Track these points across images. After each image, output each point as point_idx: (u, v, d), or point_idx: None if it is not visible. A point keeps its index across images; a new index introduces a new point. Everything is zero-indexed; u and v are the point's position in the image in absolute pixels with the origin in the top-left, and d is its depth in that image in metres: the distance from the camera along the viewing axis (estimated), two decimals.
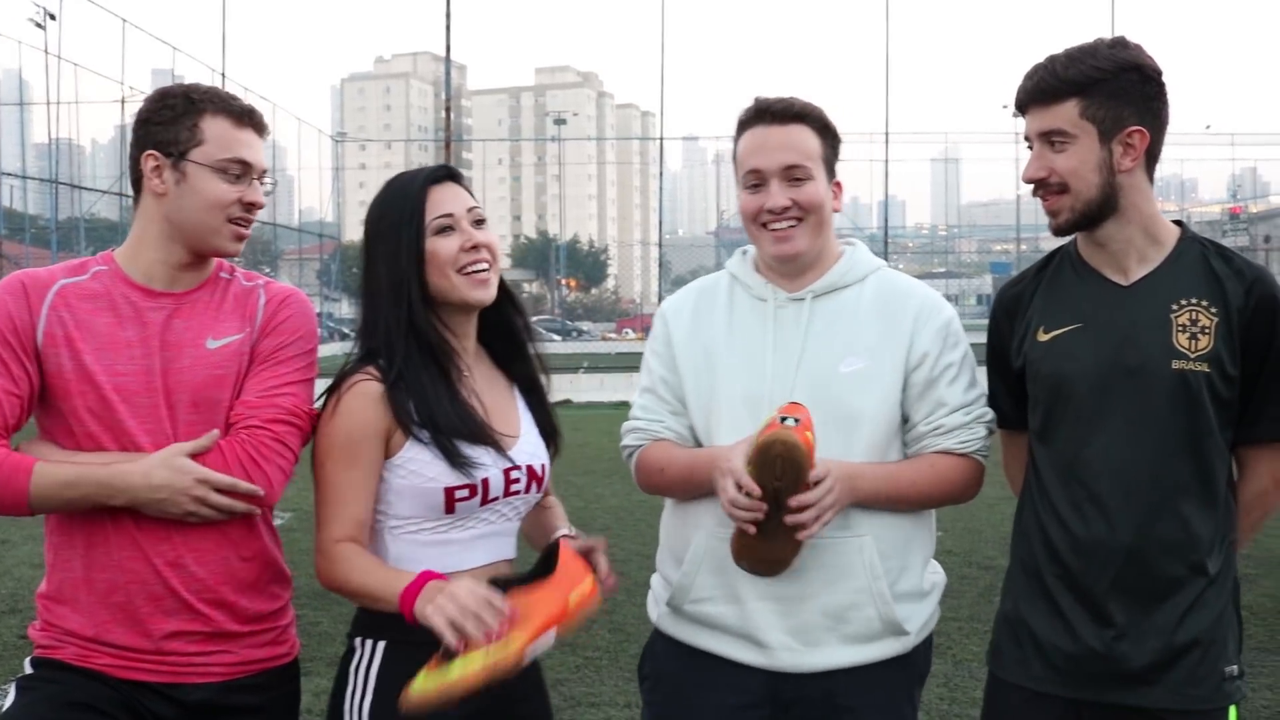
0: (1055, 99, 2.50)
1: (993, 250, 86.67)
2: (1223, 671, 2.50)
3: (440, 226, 2.52)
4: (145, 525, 2.43)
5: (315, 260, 61.89)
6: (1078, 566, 2.51)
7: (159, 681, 2.46)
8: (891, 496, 2.60)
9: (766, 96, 2.70)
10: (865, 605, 2.61)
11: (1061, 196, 2.54)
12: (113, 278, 2.52)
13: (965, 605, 7.21)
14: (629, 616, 6.57)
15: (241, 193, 2.52)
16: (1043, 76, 2.53)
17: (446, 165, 2.65)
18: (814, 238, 2.67)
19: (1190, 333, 2.49)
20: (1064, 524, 2.53)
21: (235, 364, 2.52)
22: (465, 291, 2.52)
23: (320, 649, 6.41)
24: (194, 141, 2.49)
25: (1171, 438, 2.48)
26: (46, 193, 36.57)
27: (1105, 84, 2.48)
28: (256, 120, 2.57)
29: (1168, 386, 2.47)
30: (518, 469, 2.54)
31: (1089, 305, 2.57)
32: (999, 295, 2.77)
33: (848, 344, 2.65)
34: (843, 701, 2.62)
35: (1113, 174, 2.50)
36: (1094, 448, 2.51)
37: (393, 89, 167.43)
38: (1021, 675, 2.58)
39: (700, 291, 2.83)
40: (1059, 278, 2.66)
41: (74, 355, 2.43)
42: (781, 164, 2.63)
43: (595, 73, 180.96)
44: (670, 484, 2.71)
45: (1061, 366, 2.55)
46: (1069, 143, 2.51)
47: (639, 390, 2.82)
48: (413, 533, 2.50)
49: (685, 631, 2.72)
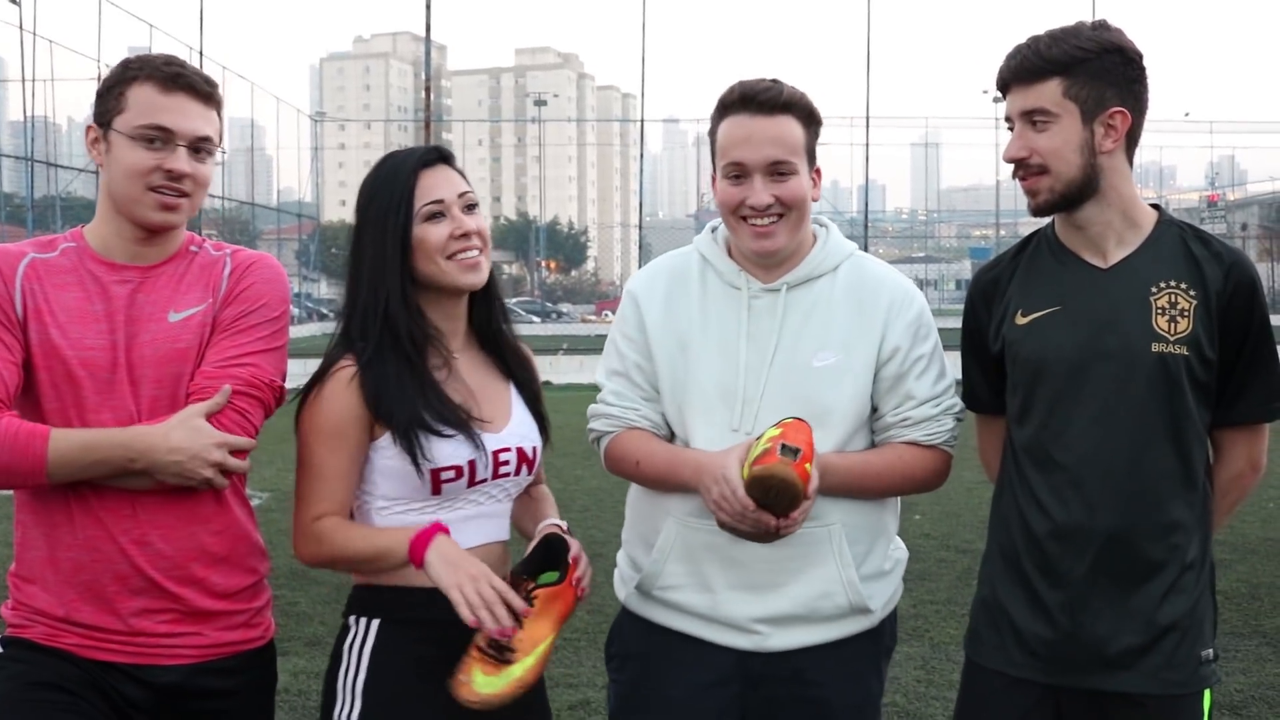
0: (1038, 78, 2.49)
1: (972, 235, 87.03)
2: (1199, 655, 2.50)
3: (430, 213, 2.49)
4: (109, 503, 2.39)
5: (294, 240, 61.66)
6: (1056, 552, 2.51)
7: (127, 662, 2.42)
8: (858, 488, 2.60)
9: (752, 82, 2.61)
10: (836, 593, 2.62)
11: (1041, 177, 2.52)
12: (80, 253, 2.48)
13: (942, 589, 7.24)
14: (607, 598, 6.53)
15: (160, 160, 2.41)
16: (1026, 55, 2.51)
17: (438, 147, 2.60)
18: (794, 232, 2.62)
19: (1169, 315, 2.48)
20: (1043, 509, 2.53)
21: (197, 336, 2.46)
22: (455, 276, 2.50)
23: (298, 629, 6.41)
24: (117, 110, 2.43)
25: (1150, 421, 2.47)
26: (22, 171, 36.32)
27: (1088, 64, 2.47)
28: (191, 84, 2.45)
29: (1147, 370, 2.47)
30: (507, 450, 2.53)
31: (1067, 288, 2.56)
32: (976, 279, 2.75)
33: (821, 338, 2.63)
34: (811, 677, 2.63)
35: (1094, 155, 2.49)
36: (1073, 431, 2.50)
37: (372, 69, 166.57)
38: (1000, 661, 2.58)
39: (671, 274, 2.75)
40: (1037, 261, 2.64)
41: (41, 329, 2.40)
42: (767, 159, 2.55)
43: (576, 54, 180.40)
44: (644, 478, 2.69)
45: (1040, 350, 2.54)
46: (1051, 122, 2.49)
47: (606, 373, 2.76)
48: (400, 513, 2.50)
49: (654, 612, 2.72)
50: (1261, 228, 69.87)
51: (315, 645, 6.12)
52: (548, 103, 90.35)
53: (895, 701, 5.33)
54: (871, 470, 2.62)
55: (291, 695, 5.38)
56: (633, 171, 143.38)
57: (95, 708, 2.40)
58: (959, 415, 2.71)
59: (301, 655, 5.96)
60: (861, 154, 37.67)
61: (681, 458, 2.60)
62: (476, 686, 2.31)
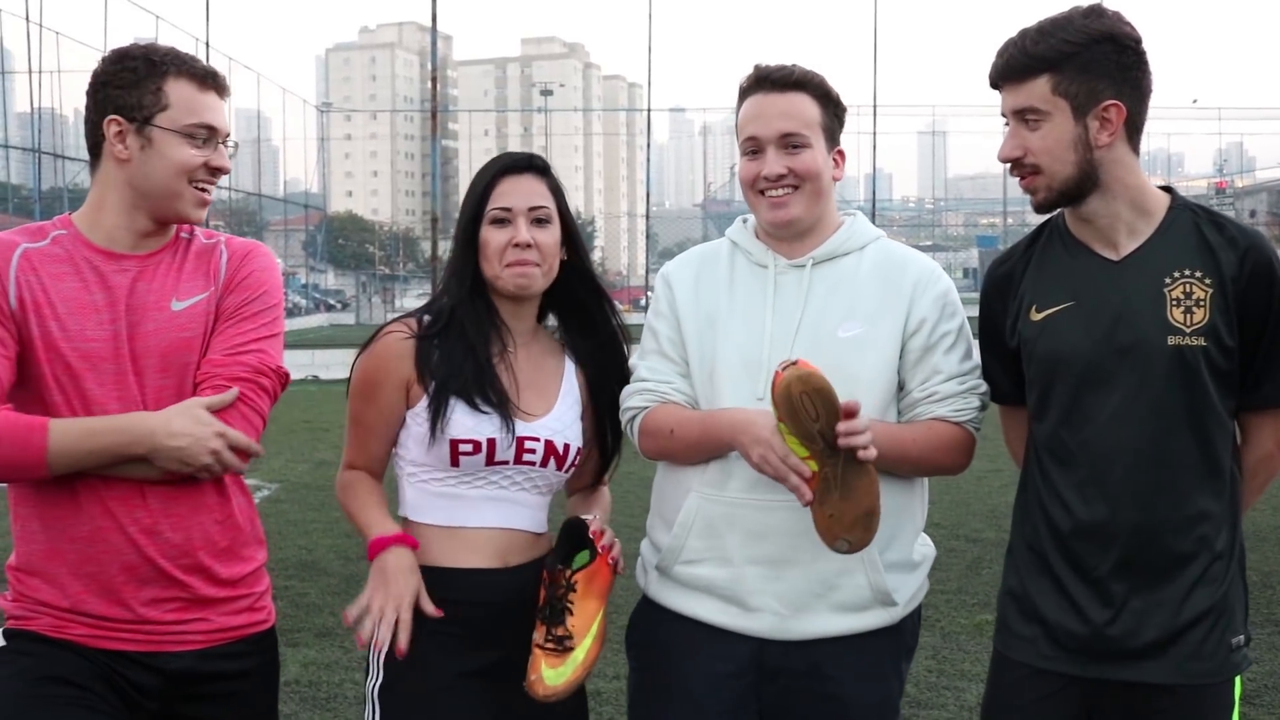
0: (1027, 75, 2.45)
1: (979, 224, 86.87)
2: (1229, 643, 2.48)
3: (494, 218, 2.67)
4: (117, 493, 2.40)
5: (300, 231, 61.67)
6: (1081, 548, 2.49)
7: (138, 650, 2.44)
8: (895, 456, 2.58)
9: (767, 64, 2.70)
10: (855, 572, 2.61)
11: (1037, 176, 2.49)
12: (74, 241, 2.47)
13: (953, 578, 7.24)
14: (619, 589, 6.55)
15: (207, 157, 2.48)
16: (1013, 53, 2.47)
17: (531, 156, 2.79)
18: (810, 205, 2.67)
19: (1185, 306, 2.44)
20: (1066, 506, 2.50)
21: (202, 324, 2.49)
22: (505, 281, 2.68)
23: (308, 619, 6.41)
24: (159, 106, 2.44)
25: (1171, 414, 2.44)
26: (29, 162, 36.33)
27: (1077, 57, 2.41)
28: (219, 83, 2.53)
29: (1164, 363, 2.43)
30: (534, 440, 2.65)
31: (1080, 282, 2.52)
32: (989, 274, 2.73)
33: (846, 310, 2.65)
34: (829, 671, 2.62)
35: (1090, 150, 2.44)
36: (1092, 428, 2.47)
37: (378, 59, 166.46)
38: (1029, 654, 2.56)
39: (702, 258, 2.83)
40: (1049, 253, 2.61)
41: (41, 321, 2.38)
42: (778, 131, 2.63)
43: (582, 44, 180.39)
44: (679, 447, 2.69)
45: (1055, 346, 2.51)
46: (1042, 120, 2.45)
47: (642, 354, 2.81)
48: (424, 481, 2.67)
49: (673, 597, 2.72)
50: (1270, 214, 69.66)
51: (325, 636, 6.12)
52: (554, 92, 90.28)
53: (906, 691, 5.28)
54: (906, 439, 2.61)
55: (302, 686, 5.37)
56: (639, 161, 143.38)
57: (105, 700, 2.40)
58: (984, 398, 2.70)
59: (311, 646, 5.95)
60: (869, 142, 37.57)
61: (716, 418, 2.62)
62: (548, 680, 2.49)
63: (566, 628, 2.56)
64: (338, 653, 5.86)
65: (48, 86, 35.28)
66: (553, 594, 2.58)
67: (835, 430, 2.37)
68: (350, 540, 8.17)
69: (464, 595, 2.60)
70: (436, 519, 2.65)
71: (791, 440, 2.40)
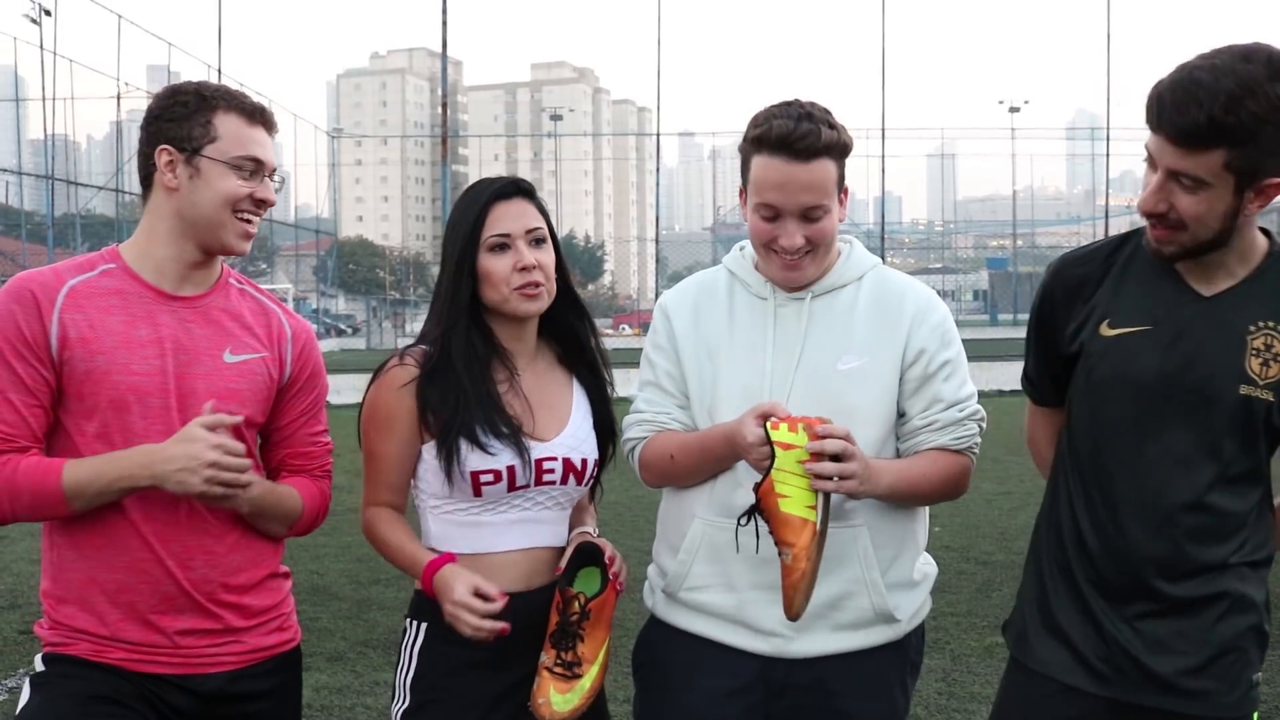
0: (1202, 146, 2.20)
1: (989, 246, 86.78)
2: (1250, 679, 2.46)
3: (493, 244, 2.66)
4: (154, 524, 2.46)
5: (312, 256, 61.88)
6: (1109, 572, 2.44)
7: (174, 674, 2.51)
8: (907, 491, 2.60)
9: (789, 124, 2.54)
10: (859, 595, 2.62)
11: (1177, 232, 2.33)
12: (123, 275, 2.53)
13: (963, 600, 7.22)
14: (626, 612, 6.55)
15: (254, 189, 2.54)
16: (1195, 116, 2.17)
17: (517, 180, 2.77)
18: (822, 261, 2.67)
19: (1264, 358, 2.36)
20: (1098, 528, 2.46)
21: (249, 382, 2.57)
22: (514, 305, 2.68)
23: (320, 644, 6.40)
24: (208, 138, 2.50)
25: (1222, 462, 2.38)
26: (42, 189, 36.56)
27: (1262, 137, 2.17)
28: (267, 118, 2.60)
29: (1229, 411, 2.36)
30: (552, 460, 2.67)
31: (1163, 309, 2.41)
32: (1060, 271, 2.57)
33: (845, 342, 2.66)
34: (834, 686, 2.63)
35: (1236, 218, 2.31)
36: (1140, 459, 2.41)
37: (389, 85, 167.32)
38: (1053, 668, 2.52)
39: (700, 288, 2.83)
40: (1133, 268, 2.48)
41: (88, 358, 2.43)
42: (802, 206, 2.57)
43: (591, 68, 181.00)
44: (681, 468, 2.70)
45: (1123, 368, 2.42)
46: (1201, 189, 2.26)
47: (640, 385, 2.82)
48: (448, 513, 2.68)
49: (679, 617, 2.74)
50: None
51: (337, 660, 6.11)
52: (563, 117, 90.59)
53: (916, 714, 5.30)
54: (916, 473, 2.62)
55: (314, 710, 5.38)
56: (649, 185, 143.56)
57: (146, 718, 2.48)
58: (981, 424, 2.71)
59: (324, 671, 5.96)
60: (878, 165, 37.67)
61: (710, 434, 2.64)
62: (555, 706, 2.54)
63: (577, 654, 2.59)
64: (349, 677, 5.86)
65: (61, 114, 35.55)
66: (566, 619, 2.60)
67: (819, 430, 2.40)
68: (361, 565, 8.18)
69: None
70: (462, 548, 2.66)
71: (799, 487, 2.40)
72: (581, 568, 2.67)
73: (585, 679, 2.58)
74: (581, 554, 2.67)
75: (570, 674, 2.57)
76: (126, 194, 37.26)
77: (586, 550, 2.67)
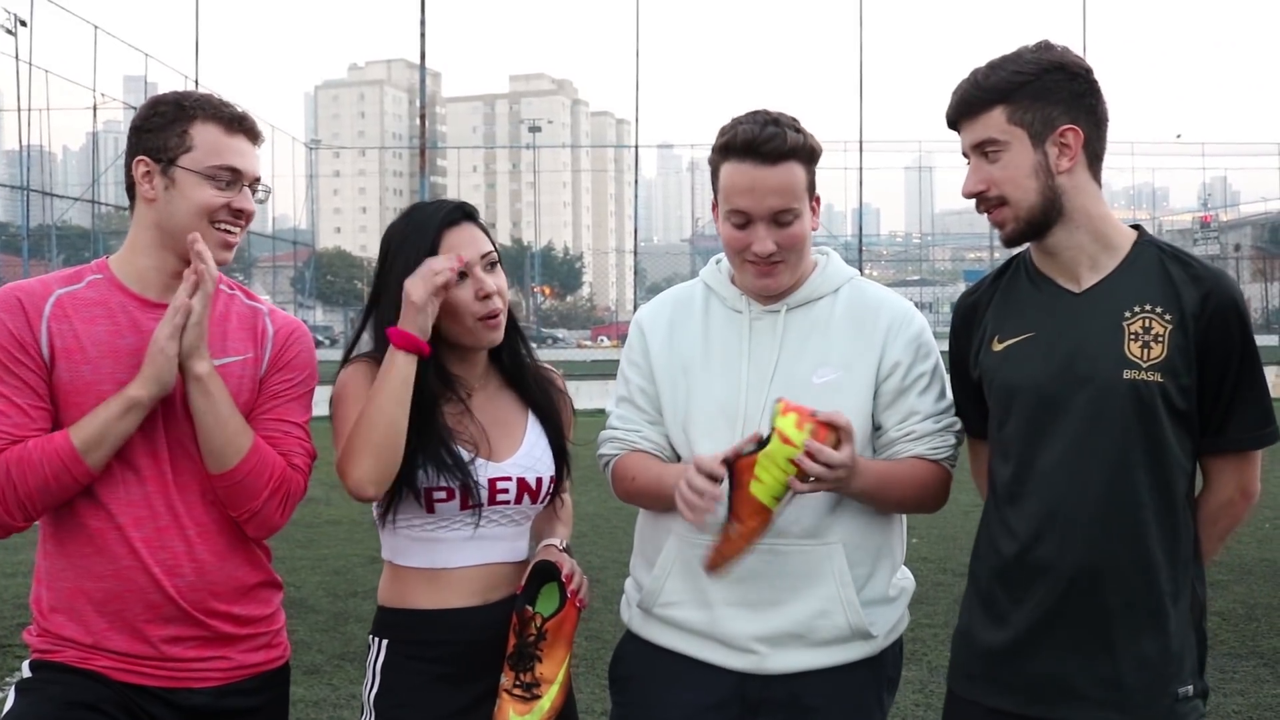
0: (981, 109, 2.46)
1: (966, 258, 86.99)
2: (1175, 693, 2.42)
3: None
4: (143, 532, 2.46)
5: (289, 268, 61.64)
6: (1026, 583, 2.46)
7: (159, 686, 2.50)
8: (878, 495, 2.60)
9: (754, 126, 2.57)
10: (834, 613, 2.62)
11: (1003, 208, 2.48)
12: (109, 285, 2.53)
13: (940, 612, 7.23)
14: (605, 624, 6.57)
15: (230, 199, 2.52)
16: (967, 89, 2.49)
17: (463, 204, 2.71)
18: (795, 269, 2.66)
19: (1142, 341, 2.40)
20: (1015, 539, 2.48)
21: (236, 384, 2.55)
22: (479, 336, 2.65)
23: (297, 657, 6.33)
24: (183, 148, 2.49)
25: (1125, 452, 2.39)
26: (18, 200, 36.34)
27: (1029, 86, 2.43)
28: (248, 127, 2.57)
29: (1119, 397, 2.39)
30: (506, 480, 2.65)
31: (1041, 314, 2.51)
32: (957, 305, 2.72)
33: (821, 355, 2.66)
34: (810, 703, 2.63)
35: (1051, 176, 2.44)
36: (1046, 461, 2.44)
37: (367, 96, 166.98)
38: (978, 691, 2.54)
39: (675, 302, 2.83)
40: (1014, 286, 2.60)
41: (71, 366, 2.43)
42: (771, 209, 2.57)
43: (570, 80, 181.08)
44: (639, 493, 2.72)
45: (1012, 377, 2.49)
46: (1001, 150, 2.45)
47: (615, 400, 2.82)
48: (404, 527, 2.66)
49: (655, 632, 2.74)
50: (1254, 248, 70.06)
51: (313, 674, 6.09)
52: (542, 129, 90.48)
53: None
54: (893, 475, 2.62)
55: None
56: (627, 197, 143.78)
57: None
58: (959, 435, 2.71)
59: (300, 684, 5.93)
60: (855, 178, 37.69)
61: (668, 469, 2.64)
62: None
63: (534, 675, 2.59)
64: (325, 690, 5.85)
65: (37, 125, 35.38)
66: (523, 640, 2.60)
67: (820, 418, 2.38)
68: (339, 578, 8.15)
69: (447, 635, 2.63)
70: (418, 562, 2.66)
71: (776, 479, 2.38)
72: (544, 585, 2.66)
73: (545, 699, 2.58)
74: (540, 572, 2.65)
75: (529, 695, 2.58)
76: (102, 205, 37.11)
77: (544, 568, 2.65)
